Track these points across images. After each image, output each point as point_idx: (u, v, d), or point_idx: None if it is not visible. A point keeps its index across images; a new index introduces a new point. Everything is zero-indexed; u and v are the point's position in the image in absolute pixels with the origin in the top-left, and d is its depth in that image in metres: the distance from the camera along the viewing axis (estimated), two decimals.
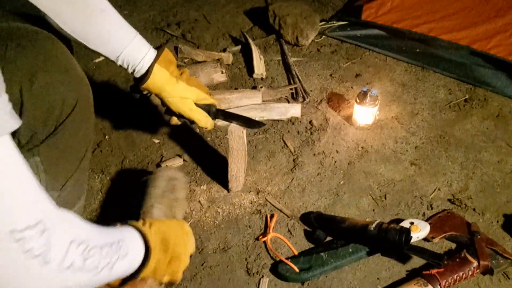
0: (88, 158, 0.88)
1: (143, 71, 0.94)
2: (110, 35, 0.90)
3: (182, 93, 0.99)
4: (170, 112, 1.04)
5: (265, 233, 1.10)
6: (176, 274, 0.78)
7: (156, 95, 0.99)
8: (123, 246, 0.61)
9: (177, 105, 1.00)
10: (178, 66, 1.52)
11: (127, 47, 0.92)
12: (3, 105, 0.43)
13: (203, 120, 1.04)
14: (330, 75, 1.55)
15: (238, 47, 1.65)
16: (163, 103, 1.01)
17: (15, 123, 0.45)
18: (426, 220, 1.10)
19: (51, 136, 0.75)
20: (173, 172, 1.04)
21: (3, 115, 0.43)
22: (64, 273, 0.49)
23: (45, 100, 0.73)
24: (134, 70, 0.95)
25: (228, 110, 1.14)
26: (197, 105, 1.02)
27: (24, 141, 0.73)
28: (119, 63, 0.94)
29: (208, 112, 1.05)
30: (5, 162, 0.44)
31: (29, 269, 0.46)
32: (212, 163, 1.26)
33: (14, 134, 0.69)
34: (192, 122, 1.04)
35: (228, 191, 1.18)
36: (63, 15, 0.81)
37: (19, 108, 0.69)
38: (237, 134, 1.07)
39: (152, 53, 0.95)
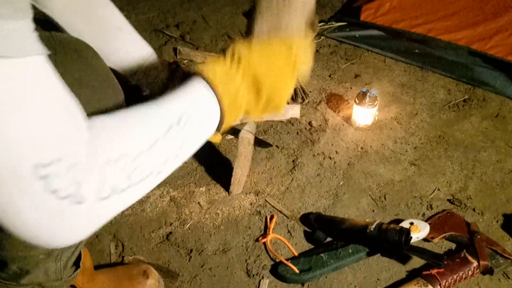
0: None
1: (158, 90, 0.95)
2: (126, 53, 0.91)
3: None
4: None
5: (265, 234, 1.10)
6: (277, 107, 0.64)
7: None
8: (187, 122, 0.52)
9: None
10: None
11: (143, 66, 0.94)
12: (30, 25, 0.38)
13: (213, 138, 1.04)
14: (329, 75, 1.55)
15: None
16: None
17: (44, 49, 0.39)
18: (426, 221, 1.10)
19: None
20: None
21: (32, 35, 0.38)
22: (107, 201, 0.43)
23: (91, 109, 0.73)
24: (147, 88, 0.97)
25: (236, 127, 1.14)
26: None
27: None
28: (134, 81, 0.95)
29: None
30: (34, 84, 0.38)
31: (61, 213, 0.40)
32: (211, 165, 1.26)
33: None
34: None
35: (229, 193, 1.18)
36: (80, 31, 0.81)
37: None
38: (247, 141, 1.08)
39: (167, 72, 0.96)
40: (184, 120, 0.51)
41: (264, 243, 1.08)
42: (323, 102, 1.45)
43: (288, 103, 1.43)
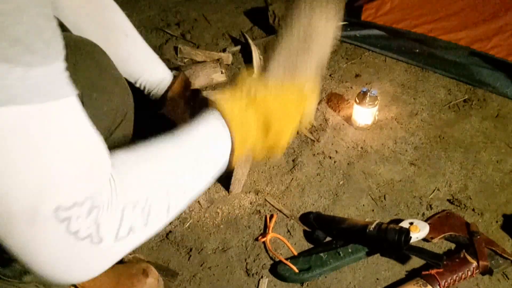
0: None
1: (159, 94, 0.98)
2: (132, 59, 0.94)
3: None
4: None
5: (264, 233, 1.10)
6: (278, 148, 0.67)
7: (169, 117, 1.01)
8: (203, 162, 0.54)
9: None
10: (178, 67, 1.53)
11: (146, 72, 0.96)
12: (62, 68, 0.39)
13: None
14: (330, 75, 1.55)
15: (238, 47, 1.65)
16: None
17: (74, 89, 0.40)
18: (426, 220, 1.10)
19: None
20: (319, 16, 0.70)
21: (64, 78, 0.39)
22: (123, 241, 0.44)
23: (102, 109, 0.74)
24: (150, 93, 0.99)
25: None
26: None
27: None
28: (137, 85, 0.98)
29: None
30: (63, 127, 0.38)
31: (78, 252, 0.41)
32: None
33: None
34: None
35: (229, 192, 1.18)
36: (87, 34, 0.81)
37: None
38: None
39: (169, 79, 0.99)
40: (200, 160, 0.54)
41: (264, 243, 1.08)
42: (324, 101, 1.45)
43: None
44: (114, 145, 0.78)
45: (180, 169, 0.51)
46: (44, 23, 0.36)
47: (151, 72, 0.97)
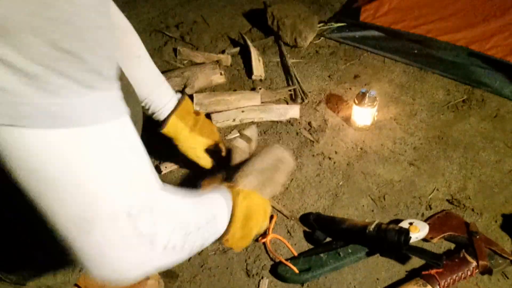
0: None
1: (161, 118, 1.03)
2: (140, 80, 0.96)
3: (192, 144, 1.10)
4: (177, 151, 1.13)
5: (264, 234, 1.10)
6: (239, 248, 0.80)
7: (170, 138, 1.08)
8: (217, 223, 0.65)
9: (186, 152, 1.11)
10: (177, 68, 1.53)
11: (153, 94, 1.00)
12: (117, 91, 0.44)
13: (207, 165, 1.14)
14: (329, 76, 1.55)
15: (237, 49, 1.65)
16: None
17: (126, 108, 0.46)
18: (425, 221, 1.10)
19: None
20: (284, 154, 0.99)
21: (120, 99, 0.44)
22: (166, 254, 0.50)
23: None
24: (153, 114, 1.03)
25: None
26: (206, 149, 1.12)
27: None
28: (142, 104, 1.01)
29: (215, 152, 1.15)
30: (128, 142, 0.45)
31: (137, 249, 0.47)
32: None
33: None
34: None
35: None
36: None
37: None
38: (241, 149, 1.09)
39: (174, 102, 1.04)
40: (215, 221, 0.64)
41: (264, 243, 1.08)
42: (323, 102, 1.45)
43: (287, 104, 1.44)
44: None
45: (204, 220, 0.60)
46: (112, 53, 0.42)
47: (158, 94, 1.01)
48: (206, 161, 1.13)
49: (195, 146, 1.10)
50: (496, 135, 1.33)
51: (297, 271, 1.00)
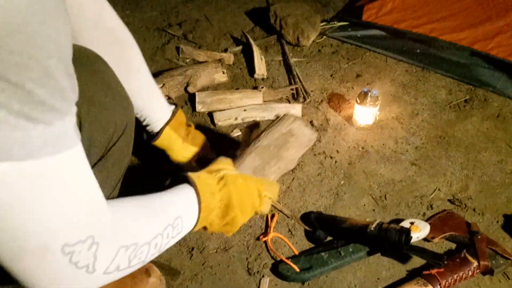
0: (123, 174, 0.90)
1: (155, 130, 1.04)
2: (139, 93, 0.97)
3: (185, 154, 1.11)
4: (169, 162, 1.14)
5: (265, 233, 1.10)
6: (228, 233, 0.81)
7: (162, 149, 1.10)
8: (179, 224, 0.63)
9: (178, 163, 1.12)
10: (179, 67, 1.53)
11: (149, 106, 1.01)
12: (73, 120, 0.43)
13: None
14: (331, 75, 1.55)
15: (239, 48, 1.65)
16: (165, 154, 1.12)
17: (79, 135, 0.45)
18: (426, 220, 1.10)
19: (102, 159, 0.76)
20: (295, 126, 0.90)
21: (73, 129, 0.43)
22: (109, 276, 0.51)
23: (101, 123, 0.73)
24: (147, 125, 1.04)
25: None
26: (196, 160, 1.14)
27: None
28: (137, 116, 1.02)
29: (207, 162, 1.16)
30: (68, 179, 0.44)
31: (74, 278, 0.47)
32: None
33: None
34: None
35: None
36: None
37: (78, 132, 0.70)
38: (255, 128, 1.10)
39: (168, 114, 1.05)
40: (176, 223, 0.63)
41: (265, 242, 1.08)
42: (325, 101, 1.45)
43: (289, 102, 1.44)
44: (113, 159, 0.78)
45: (160, 228, 0.59)
46: (66, 82, 0.41)
47: (154, 107, 1.03)
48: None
49: (188, 156, 1.13)
50: (498, 135, 1.33)
51: (298, 270, 1.01)
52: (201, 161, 1.15)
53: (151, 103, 1.02)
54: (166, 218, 0.62)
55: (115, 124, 0.76)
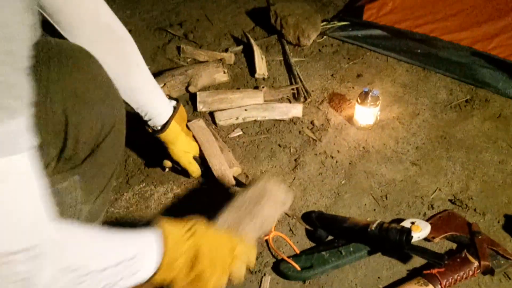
0: (117, 171, 0.90)
1: (158, 124, 1.05)
2: (140, 88, 0.99)
3: (186, 148, 1.13)
4: (169, 158, 1.15)
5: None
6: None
7: (164, 143, 1.10)
8: (135, 264, 0.59)
9: (179, 156, 1.13)
10: (180, 67, 1.54)
11: (151, 101, 1.02)
12: (24, 123, 0.41)
13: (196, 172, 1.17)
14: (332, 75, 1.55)
15: (240, 47, 1.66)
16: (166, 150, 1.12)
17: (33, 141, 0.43)
18: (427, 220, 1.10)
19: (90, 155, 0.76)
20: (269, 186, 0.90)
21: (23, 133, 0.41)
22: None
23: (88, 120, 0.73)
24: (150, 120, 1.05)
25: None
26: (194, 157, 1.16)
27: (66, 161, 0.73)
28: (138, 111, 1.03)
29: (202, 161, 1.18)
30: (14, 181, 0.42)
31: None
32: None
33: (59, 155, 0.69)
34: (184, 169, 1.16)
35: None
36: (105, 63, 0.81)
37: (64, 129, 0.69)
38: (197, 125, 1.14)
39: (170, 109, 1.06)
40: (131, 262, 0.58)
41: (266, 241, 1.08)
42: (325, 101, 1.45)
43: (290, 102, 1.44)
44: (106, 153, 0.78)
45: (112, 262, 0.55)
46: (16, 79, 0.38)
47: (156, 103, 1.04)
48: (196, 168, 1.16)
49: (189, 151, 1.14)
50: (499, 135, 1.33)
51: (299, 269, 1.01)
52: (197, 161, 1.17)
53: (153, 97, 1.03)
54: (121, 253, 0.58)
55: (102, 121, 0.75)
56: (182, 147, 1.12)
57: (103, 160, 0.80)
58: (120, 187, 1.21)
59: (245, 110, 1.38)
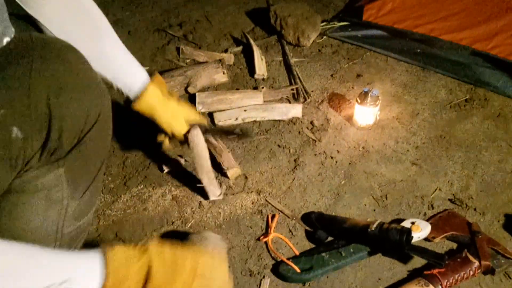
0: (104, 166, 0.89)
1: (137, 89, 0.99)
2: (114, 57, 0.96)
3: (174, 111, 1.04)
4: (163, 132, 1.07)
5: (266, 233, 1.10)
6: None
7: (149, 117, 1.03)
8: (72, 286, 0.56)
9: (169, 123, 1.05)
10: (180, 67, 1.53)
11: (126, 70, 0.98)
12: None
13: (182, 131, 1.07)
14: (331, 75, 1.55)
15: (240, 48, 1.65)
16: (157, 124, 1.05)
17: None
18: (427, 220, 1.10)
19: (75, 148, 0.75)
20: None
21: None
22: None
23: (72, 112, 0.72)
24: (129, 91, 1.00)
25: (215, 128, 1.21)
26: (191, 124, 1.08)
27: (50, 153, 0.72)
28: (114, 81, 0.98)
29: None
30: None
31: None
32: (213, 165, 1.26)
33: (43, 147, 0.69)
34: (184, 142, 1.08)
35: (209, 199, 1.17)
36: (68, 32, 0.81)
37: (48, 121, 0.68)
38: (192, 135, 1.07)
39: (146, 75, 1.00)
40: (63, 286, 0.55)
41: (266, 242, 1.08)
42: (325, 101, 1.45)
43: (290, 103, 1.44)
44: (91, 145, 0.78)
45: (38, 285, 0.53)
46: None
47: (132, 70, 0.99)
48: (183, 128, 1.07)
49: (178, 113, 1.05)
50: (498, 135, 1.33)
51: (298, 271, 1.00)
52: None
53: (129, 66, 0.99)
54: (50, 276, 0.55)
55: (87, 112, 0.75)
56: (168, 111, 1.03)
57: (89, 152, 0.79)
58: (117, 188, 1.21)
59: (245, 110, 1.38)
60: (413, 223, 1.06)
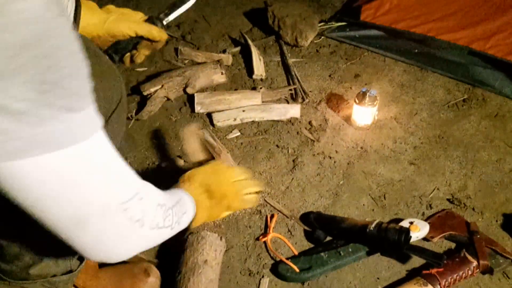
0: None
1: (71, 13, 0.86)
2: None
3: (119, 11, 0.96)
4: (118, 51, 0.97)
5: (265, 233, 1.10)
6: (230, 207, 0.86)
7: (96, 38, 0.93)
8: (183, 204, 0.73)
9: (119, 27, 0.94)
10: (178, 68, 1.53)
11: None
12: (93, 104, 0.47)
13: (155, 31, 1.01)
14: (329, 75, 1.55)
15: (238, 48, 1.65)
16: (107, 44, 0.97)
17: (101, 119, 0.48)
18: (426, 220, 1.10)
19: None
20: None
21: (96, 112, 0.47)
22: (153, 231, 0.59)
23: (101, 94, 0.73)
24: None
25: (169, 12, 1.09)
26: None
27: None
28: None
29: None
30: (108, 150, 0.51)
31: (132, 232, 0.55)
32: None
33: None
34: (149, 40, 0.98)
35: None
36: None
37: None
38: (188, 131, 1.08)
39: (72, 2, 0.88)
40: (182, 202, 0.73)
41: (265, 242, 1.08)
42: (323, 101, 1.45)
43: (288, 103, 1.44)
44: (112, 131, 0.78)
45: (174, 201, 0.68)
46: (88, 69, 0.45)
47: None
48: (150, 27, 1.03)
49: (123, 12, 0.99)
50: (496, 135, 1.33)
51: (297, 270, 1.01)
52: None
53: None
54: (173, 196, 0.71)
55: (111, 95, 0.77)
56: (112, 16, 0.95)
57: (112, 133, 0.79)
58: None
59: (243, 111, 1.38)
60: (411, 222, 1.06)
